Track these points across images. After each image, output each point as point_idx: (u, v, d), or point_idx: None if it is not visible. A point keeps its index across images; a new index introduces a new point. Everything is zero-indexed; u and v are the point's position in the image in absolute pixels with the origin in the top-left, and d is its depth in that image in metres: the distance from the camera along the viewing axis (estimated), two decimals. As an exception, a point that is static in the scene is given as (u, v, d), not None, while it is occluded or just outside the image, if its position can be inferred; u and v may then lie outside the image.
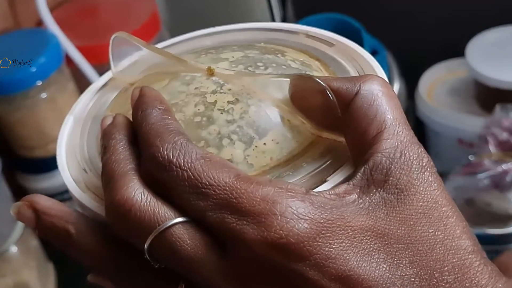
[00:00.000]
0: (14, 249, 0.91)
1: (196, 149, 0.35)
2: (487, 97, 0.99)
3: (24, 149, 0.94)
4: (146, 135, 0.36)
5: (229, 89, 0.40)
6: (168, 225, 0.34)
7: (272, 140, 0.38)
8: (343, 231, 0.33)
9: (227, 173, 0.34)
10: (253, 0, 1.16)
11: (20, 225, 0.92)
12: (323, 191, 0.34)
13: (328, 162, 0.37)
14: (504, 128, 0.90)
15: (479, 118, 0.97)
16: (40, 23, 0.97)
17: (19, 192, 0.96)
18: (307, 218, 0.32)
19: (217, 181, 0.33)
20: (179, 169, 0.34)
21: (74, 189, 0.39)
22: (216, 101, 0.39)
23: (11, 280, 0.91)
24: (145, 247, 0.34)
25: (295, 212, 0.32)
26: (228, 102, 0.39)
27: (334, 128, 0.38)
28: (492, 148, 0.90)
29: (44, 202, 0.38)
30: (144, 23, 0.98)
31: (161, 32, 1.02)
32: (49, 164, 0.92)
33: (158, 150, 0.35)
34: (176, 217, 0.34)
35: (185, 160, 0.34)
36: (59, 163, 0.41)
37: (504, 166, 0.88)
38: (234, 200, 0.33)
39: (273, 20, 1.08)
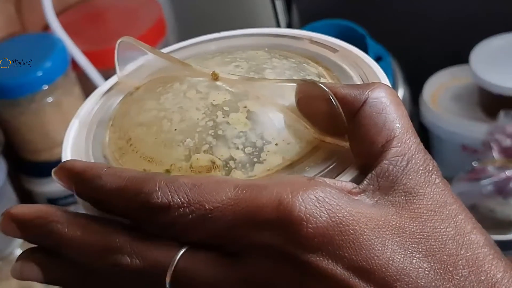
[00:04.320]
0: (18, 252, 0.91)
1: (182, 180, 0.34)
2: (491, 103, 0.99)
3: (29, 153, 0.94)
4: (122, 193, 0.35)
5: (234, 94, 0.40)
6: (174, 265, 0.34)
7: (277, 144, 0.38)
8: (355, 221, 0.33)
9: (225, 188, 0.34)
10: (259, 6, 1.16)
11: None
12: (329, 179, 0.35)
13: (331, 167, 0.38)
14: (507, 134, 0.91)
15: (483, 125, 0.97)
16: (46, 27, 0.98)
17: (24, 196, 0.97)
18: (315, 210, 0.33)
19: (220, 201, 0.34)
20: (180, 209, 0.34)
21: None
22: (220, 105, 0.39)
23: (15, 283, 0.91)
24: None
25: (302, 205, 0.33)
26: (232, 106, 0.39)
27: (337, 133, 0.38)
28: (495, 154, 0.91)
29: (19, 209, 0.37)
30: (150, 29, 0.99)
31: (166, 37, 1.03)
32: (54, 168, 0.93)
33: (151, 198, 0.34)
34: (176, 252, 0.34)
35: (181, 196, 0.34)
36: (64, 165, 0.41)
37: (508, 173, 0.88)
38: (242, 211, 0.33)
39: (278, 26, 1.09)
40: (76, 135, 0.44)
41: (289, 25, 1.09)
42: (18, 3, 0.97)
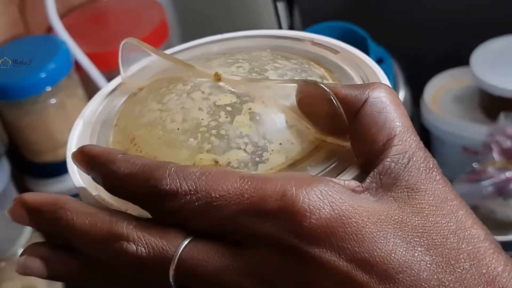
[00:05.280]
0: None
1: (191, 169, 0.35)
2: (492, 105, 0.99)
3: (33, 154, 0.94)
4: (133, 179, 0.36)
5: (236, 94, 0.40)
6: (178, 254, 0.34)
7: (281, 143, 0.39)
8: (358, 215, 0.34)
9: (232, 179, 0.35)
10: (261, 8, 1.16)
11: (28, 229, 0.93)
12: (332, 178, 0.35)
13: (332, 166, 0.38)
14: (508, 136, 0.91)
15: (483, 126, 0.98)
16: (50, 29, 0.98)
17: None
18: (318, 202, 0.33)
19: (226, 190, 0.34)
20: (187, 195, 0.34)
21: (84, 191, 0.40)
22: (223, 106, 0.40)
23: (19, 283, 0.91)
24: (171, 281, 0.35)
25: (306, 197, 0.33)
26: (236, 107, 0.40)
27: (338, 133, 0.39)
28: (496, 155, 0.91)
29: (31, 195, 0.38)
30: (153, 31, 0.99)
31: (169, 39, 1.03)
32: (58, 169, 0.93)
33: (160, 185, 0.35)
34: (180, 242, 0.35)
35: (189, 184, 0.35)
36: (69, 165, 0.41)
37: (508, 174, 0.89)
38: (246, 201, 0.34)
39: (280, 28, 1.09)
40: (81, 135, 0.44)
41: (291, 27, 1.10)
42: (22, 5, 0.97)
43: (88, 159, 0.38)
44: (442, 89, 1.07)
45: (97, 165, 0.37)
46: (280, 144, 0.39)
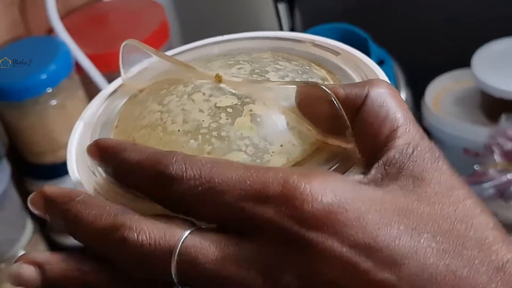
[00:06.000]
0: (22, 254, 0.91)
1: (198, 158, 0.36)
2: (493, 107, 0.99)
3: (33, 155, 0.94)
4: (142, 166, 0.36)
5: (237, 96, 0.40)
6: (179, 245, 0.35)
7: (282, 145, 0.39)
8: (360, 202, 0.33)
9: (236, 167, 0.35)
10: (262, 10, 1.16)
11: (28, 230, 0.93)
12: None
13: (333, 168, 0.38)
14: (509, 138, 0.91)
15: (484, 128, 0.98)
16: (50, 30, 0.98)
17: (28, 198, 0.97)
18: (320, 188, 0.33)
19: (229, 176, 0.35)
20: (191, 181, 0.35)
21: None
22: (224, 107, 0.40)
23: (19, 285, 0.91)
24: (173, 274, 0.35)
25: (307, 184, 0.33)
26: (237, 109, 0.40)
27: (340, 134, 0.38)
28: (497, 157, 0.91)
29: (51, 188, 0.39)
30: (153, 32, 0.99)
31: (170, 40, 1.03)
32: (58, 170, 0.93)
33: (166, 169, 0.35)
34: (183, 232, 0.35)
35: (194, 170, 0.35)
36: (69, 166, 0.42)
37: (509, 176, 0.89)
38: (248, 187, 0.34)
39: (281, 29, 1.09)
40: (81, 137, 0.44)
41: (292, 29, 1.10)
42: (23, 6, 0.97)
43: (102, 150, 0.39)
44: (443, 91, 1.07)
45: (109, 155, 0.38)
46: (281, 145, 0.39)
